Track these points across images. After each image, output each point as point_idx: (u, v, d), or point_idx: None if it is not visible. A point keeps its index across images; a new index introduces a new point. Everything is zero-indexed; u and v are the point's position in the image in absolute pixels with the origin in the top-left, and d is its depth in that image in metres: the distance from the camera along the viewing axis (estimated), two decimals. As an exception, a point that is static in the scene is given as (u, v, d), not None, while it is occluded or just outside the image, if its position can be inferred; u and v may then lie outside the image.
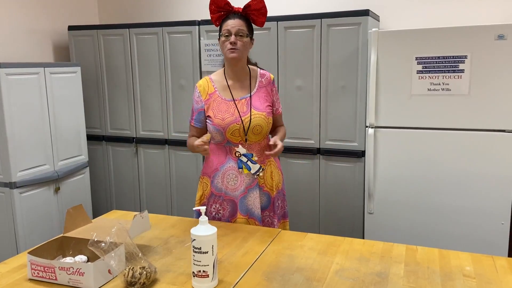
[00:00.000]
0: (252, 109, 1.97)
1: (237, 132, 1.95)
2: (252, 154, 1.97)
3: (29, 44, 3.50)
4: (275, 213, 2.07)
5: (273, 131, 2.14)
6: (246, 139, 1.97)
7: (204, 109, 2.01)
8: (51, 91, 3.10)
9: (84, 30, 3.59)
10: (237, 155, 1.96)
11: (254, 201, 2.00)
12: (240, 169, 1.96)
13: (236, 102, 1.98)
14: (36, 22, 3.55)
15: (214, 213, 2.03)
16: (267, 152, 1.93)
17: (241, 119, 1.94)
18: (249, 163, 1.94)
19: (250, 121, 1.95)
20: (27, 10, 3.47)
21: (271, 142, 1.93)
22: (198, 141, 1.86)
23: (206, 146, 1.85)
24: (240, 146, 1.96)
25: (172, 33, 3.31)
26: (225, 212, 2.03)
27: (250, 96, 2.00)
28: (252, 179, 1.98)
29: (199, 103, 2.03)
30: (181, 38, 3.29)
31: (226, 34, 1.93)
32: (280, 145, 1.92)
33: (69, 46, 3.68)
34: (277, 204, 2.08)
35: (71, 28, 3.64)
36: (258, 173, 1.96)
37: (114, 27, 3.49)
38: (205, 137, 1.86)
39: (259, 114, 1.97)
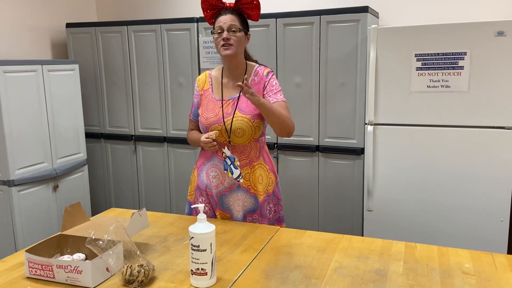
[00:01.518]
0: (236, 111, 1.92)
1: (219, 133, 1.92)
2: (235, 158, 1.92)
3: (27, 41, 3.49)
4: (264, 217, 2.00)
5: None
6: (229, 141, 1.94)
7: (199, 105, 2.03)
8: (49, 89, 3.09)
9: (82, 27, 3.58)
10: (223, 156, 1.93)
11: (235, 202, 1.97)
12: (225, 171, 1.93)
13: (223, 102, 1.95)
14: (34, 19, 3.53)
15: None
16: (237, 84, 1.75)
17: (223, 121, 1.92)
18: (231, 166, 1.92)
19: (231, 123, 1.91)
20: (25, 7, 3.45)
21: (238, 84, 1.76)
22: (203, 138, 1.88)
23: (214, 143, 1.87)
24: (226, 147, 1.92)
25: (171, 30, 3.30)
26: (210, 206, 2.03)
27: (238, 97, 1.95)
28: (235, 182, 1.96)
29: (197, 98, 2.05)
30: (179, 35, 3.28)
31: (219, 30, 1.89)
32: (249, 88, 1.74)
33: (67, 44, 3.67)
34: (268, 208, 2.02)
35: (69, 25, 3.63)
36: (238, 179, 1.93)
37: (112, 24, 3.48)
38: (213, 134, 1.87)
39: (242, 117, 1.91)
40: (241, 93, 1.93)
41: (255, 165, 1.98)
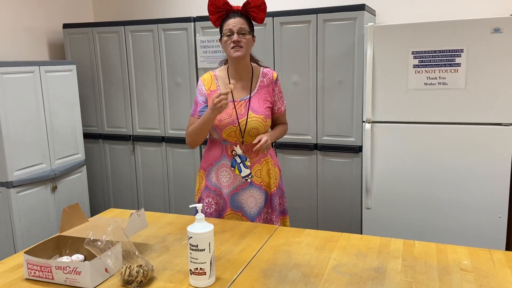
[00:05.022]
0: (249, 112, 1.96)
1: (233, 133, 1.95)
2: (246, 158, 1.96)
3: (24, 43, 3.48)
4: (274, 209, 2.07)
5: (273, 128, 2.12)
6: (242, 141, 1.97)
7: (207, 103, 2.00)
8: (47, 90, 3.09)
9: (79, 28, 3.58)
10: (233, 153, 1.96)
11: (247, 200, 2.00)
12: (233, 168, 1.97)
13: (235, 103, 1.97)
14: (31, 20, 3.53)
15: (206, 207, 2.04)
16: (254, 149, 1.92)
17: (238, 121, 1.94)
18: (241, 165, 1.95)
19: (246, 124, 1.94)
20: (21, 8, 3.45)
21: (255, 141, 1.92)
22: (217, 95, 1.77)
23: (228, 96, 1.77)
24: (238, 146, 1.96)
25: (168, 30, 3.29)
26: (217, 206, 2.04)
27: (249, 98, 1.99)
28: (244, 180, 1.99)
29: (204, 96, 2.00)
30: (176, 35, 3.27)
31: (228, 33, 1.91)
32: (263, 139, 1.88)
33: (64, 44, 3.66)
34: (275, 201, 2.08)
35: (66, 26, 3.62)
36: (247, 178, 1.96)
37: (109, 25, 3.48)
38: (229, 88, 1.75)
39: (256, 117, 1.96)
40: (252, 94, 1.99)
41: (264, 161, 2.04)
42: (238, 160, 1.95)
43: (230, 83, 1.99)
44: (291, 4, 3.41)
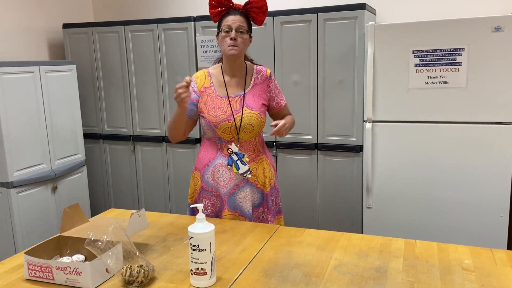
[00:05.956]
0: (244, 108, 1.96)
1: (229, 130, 1.94)
2: (244, 155, 1.96)
3: (24, 43, 3.48)
4: (269, 209, 2.06)
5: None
6: (238, 138, 1.96)
7: (197, 100, 1.99)
8: (47, 90, 3.08)
9: (79, 27, 3.57)
10: (229, 151, 1.95)
11: (244, 198, 1.99)
12: (229, 166, 1.96)
13: (230, 99, 1.97)
14: (30, 20, 3.53)
15: (203, 208, 2.03)
16: (271, 133, 1.90)
17: (233, 117, 1.94)
18: (238, 162, 1.95)
19: (241, 120, 1.94)
20: (21, 8, 3.44)
21: (272, 124, 1.90)
22: (179, 85, 1.75)
23: (187, 89, 1.75)
24: (233, 144, 1.95)
25: (168, 30, 3.29)
26: (214, 208, 2.03)
27: (244, 94, 1.99)
28: (242, 178, 1.98)
29: (193, 94, 2.00)
30: (176, 34, 3.27)
31: (227, 29, 1.91)
32: (281, 122, 1.88)
33: (64, 44, 3.66)
34: (270, 201, 2.06)
35: (66, 26, 3.62)
36: (245, 175, 1.96)
37: (109, 25, 3.47)
38: (188, 78, 1.75)
39: (251, 113, 1.96)
40: (246, 91, 1.99)
41: (259, 160, 2.03)
42: (235, 158, 1.94)
43: (224, 80, 2.00)
44: (291, 3, 3.40)
